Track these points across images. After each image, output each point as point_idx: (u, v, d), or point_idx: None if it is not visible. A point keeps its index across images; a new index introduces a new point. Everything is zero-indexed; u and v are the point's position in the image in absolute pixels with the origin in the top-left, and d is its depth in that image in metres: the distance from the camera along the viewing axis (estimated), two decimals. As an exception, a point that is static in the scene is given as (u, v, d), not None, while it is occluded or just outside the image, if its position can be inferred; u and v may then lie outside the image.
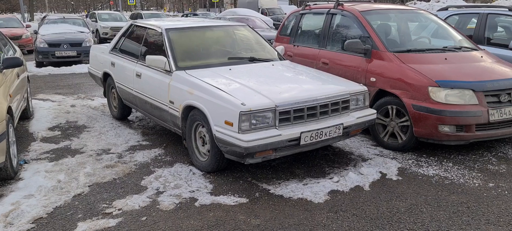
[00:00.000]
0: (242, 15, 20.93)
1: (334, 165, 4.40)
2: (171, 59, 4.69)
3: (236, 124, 3.68)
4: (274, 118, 3.80)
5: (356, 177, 4.04)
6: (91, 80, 9.73)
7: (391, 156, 4.62)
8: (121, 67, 5.69)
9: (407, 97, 4.49)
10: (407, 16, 5.78)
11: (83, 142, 5.22)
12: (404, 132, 4.70)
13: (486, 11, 6.42)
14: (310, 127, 3.94)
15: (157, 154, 4.79)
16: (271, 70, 4.72)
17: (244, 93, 3.90)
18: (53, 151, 4.91)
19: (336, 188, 3.84)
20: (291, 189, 3.82)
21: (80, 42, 11.93)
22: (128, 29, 5.92)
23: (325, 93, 4.09)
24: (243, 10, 25.50)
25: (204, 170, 4.26)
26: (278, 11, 32.14)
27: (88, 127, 5.87)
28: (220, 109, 3.84)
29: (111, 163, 4.51)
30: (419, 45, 5.18)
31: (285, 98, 3.87)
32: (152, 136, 5.47)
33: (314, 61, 5.86)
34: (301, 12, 6.67)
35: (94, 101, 7.50)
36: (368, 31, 5.16)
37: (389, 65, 4.78)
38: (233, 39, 5.47)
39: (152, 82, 4.89)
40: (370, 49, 5.04)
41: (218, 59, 4.95)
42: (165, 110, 4.70)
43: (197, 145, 4.40)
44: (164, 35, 4.96)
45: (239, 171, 4.26)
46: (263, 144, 3.68)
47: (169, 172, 4.25)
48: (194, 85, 4.22)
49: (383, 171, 4.20)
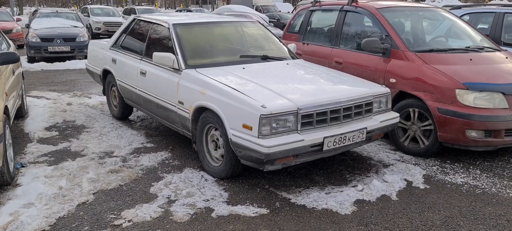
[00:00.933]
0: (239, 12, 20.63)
1: (354, 171, 4.14)
2: (179, 56, 4.39)
3: (256, 128, 3.39)
4: (296, 121, 3.51)
5: (381, 185, 3.78)
6: (86, 77, 9.37)
7: (413, 162, 4.37)
8: (123, 64, 5.36)
9: (432, 100, 4.24)
10: (425, 14, 5.53)
11: (83, 143, 4.90)
12: (426, 136, 4.45)
13: (502, 10, 6.20)
14: (333, 131, 3.66)
15: (164, 158, 4.48)
16: (287, 70, 4.43)
17: (263, 95, 3.61)
18: (51, 153, 4.58)
19: (362, 197, 3.58)
20: (314, 198, 3.54)
21: (74, 37, 11.53)
22: (130, 24, 5.59)
23: (348, 96, 3.81)
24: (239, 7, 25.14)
25: (216, 176, 3.96)
26: (273, 9, 31.84)
27: (87, 127, 5.53)
28: (237, 111, 3.55)
29: (116, 167, 4.20)
30: (441, 44, 4.93)
31: (308, 101, 3.59)
32: (157, 137, 5.16)
33: (327, 60, 5.58)
34: (310, 8, 6.39)
35: (91, 99, 7.15)
36: (387, 29, 4.90)
37: (411, 65, 4.52)
38: (244, 36, 5.17)
39: (159, 81, 4.58)
40: (389, 49, 4.77)
41: (229, 57, 4.65)
42: (173, 111, 4.39)
43: (208, 149, 4.11)
44: (172, 31, 4.65)
45: (254, 178, 3.97)
46: (285, 149, 3.40)
47: (179, 178, 3.96)
48: (206, 85, 3.93)
49: (408, 179, 3.94)
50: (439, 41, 5.06)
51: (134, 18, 5.58)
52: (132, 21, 5.59)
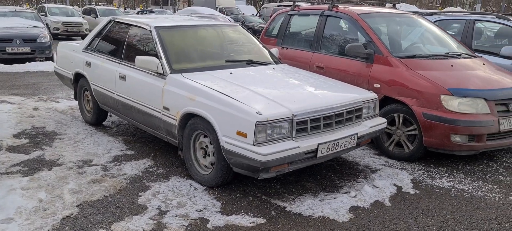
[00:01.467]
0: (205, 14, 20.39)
1: (343, 177, 4.13)
2: (164, 61, 4.23)
3: (251, 135, 3.31)
4: (291, 128, 3.46)
5: (372, 190, 3.78)
6: (50, 80, 8.97)
7: (399, 167, 4.41)
8: (99, 68, 5.13)
9: (417, 106, 4.30)
10: (402, 20, 5.63)
11: (58, 151, 4.63)
12: (410, 141, 4.51)
13: (473, 17, 6.41)
14: (326, 137, 3.63)
15: (147, 166, 4.31)
16: (275, 75, 4.37)
17: (256, 101, 3.53)
18: (24, 162, 4.30)
19: (356, 203, 3.56)
20: (309, 206, 3.49)
21: (34, 37, 10.99)
22: (106, 26, 5.36)
23: (340, 102, 3.80)
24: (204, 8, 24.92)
25: (206, 184, 3.84)
26: (236, 11, 31.80)
27: (59, 134, 5.25)
28: (230, 118, 3.45)
29: (97, 177, 3.99)
30: (422, 50, 5.02)
31: (302, 107, 3.54)
32: (136, 144, 4.97)
33: (307, 65, 5.57)
34: (289, 12, 6.37)
35: (59, 103, 6.81)
36: (370, 35, 4.94)
37: (395, 71, 4.57)
38: (227, 40, 5.07)
39: (141, 86, 4.40)
40: (373, 54, 4.81)
41: (214, 61, 4.54)
42: (157, 117, 4.23)
43: (196, 157, 3.98)
44: (154, 34, 4.48)
45: (244, 185, 3.88)
46: (281, 157, 3.33)
47: (167, 187, 3.81)
48: (196, 90, 3.80)
49: (397, 184, 3.97)
50: (419, 47, 5.15)
51: (111, 19, 5.35)
52: (108, 22, 5.37)
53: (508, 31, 6.23)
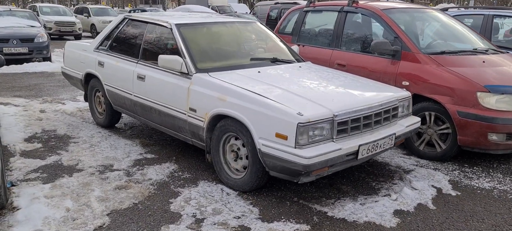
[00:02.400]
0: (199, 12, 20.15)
1: (378, 179, 3.97)
2: (188, 59, 4.04)
3: (292, 137, 3.13)
4: (331, 129, 3.29)
5: (412, 193, 3.64)
6: (51, 81, 8.70)
7: (432, 167, 4.27)
8: (113, 68, 4.91)
9: (451, 103, 4.16)
10: (423, 15, 5.49)
11: (75, 156, 4.41)
12: (442, 140, 4.37)
13: (491, 12, 6.30)
14: (366, 138, 3.48)
15: (172, 170, 4.11)
16: (303, 73, 4.20)
17: (295, 102, 3.35)
18: (42, 168, 4.08)
19: (399, 207, 3.41)
20: (351, 211, 3.33)
21: (32, 37, 10.67)
22: (120, 25, 5.13)
23: (378, 101, 3.64)
24: (197, 7, 24.69)
25: (238, 189, 3.66)
26: (228, 9, 31.54)
27: (73, 137, 5.03)
28: (267, 120, 3.27)
29: (122, 183, 3.78)
30: (449, 46, 4.88)
31: (343, 106, 3.38)
32: (155, 147, 4.76)
33: (327, 63, 5.40)
34: (304, 9, 6.20)
35: (66, 105, 6.57)
36: (396, 31, 4.79)
37: (425, 68, 4.43)
38: (248, 37, 4.88)
39: (163, 87, 4.20)
40: (400, 51, 4.67)
41: (239, 60, 4.36)
42: (181, 119, 4.04)
43: (226, 160, 3.79)
44: (176, 32, 4.28)
45: (277, 189, 3.71)
46: (324, 160, 3.17)
47: (198, 192, 3.62)
48: (227, 91, 3.61)
49: (435, 185, 3.83)
50: (445, 43, 5.01)
51: (125, 17, 5.13)
52: (121, 21, 5.14)
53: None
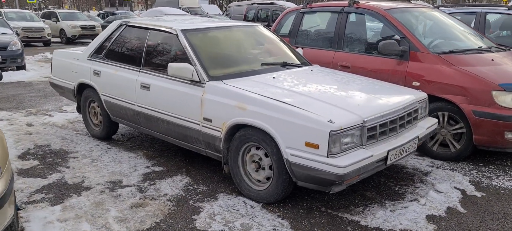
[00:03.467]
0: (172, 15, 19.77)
1: (399, 183, 3.91)
2: (199, 67, 3.85)
3: (324, 146, 3.01)
4: (361, 135, 3.19)
5: (438, 196, 3.58)
6: (30, 91, 8.29)
7: (448, 168, 4.24)
8: (112, 77, 4.66)
9: (466, 103, 4.14)
10: (424, 15, 5.48)
11: (78, 172, 4.15)
12: (456, 139, 4.36)
13: (484, 10, 6.37)
14: (394, 143, 3.39)
15: (185, 183, 3.92)
16: (317, 78, 4.08)
17: (321, 108, 3.23)
18: (46, 188, 3.80)
19: (430, 212, 3.34)
20: (384, 219, 3.24)
21: (4, 45, 10.17)
22: (116, 31, 4.88)
23: (401, 104, 3.56)
24: (170, 9, 24.26)
25: (262, 201, 3.51)
26: (199, 11, 31.24)
27: (70, 152, 4.74)
28: (296, 128, 3.14)
29: (137, 200, 3.57)
30: (455, 46, 4.87)
31: (371, 112, 3.28)
32: (160, 158, 4.54)
33: (329, 65, 5.31)
34: (301, 10, 6.09)
35: (54, 117, 6.23)
36: (402, 31, 4.74)
37: (436, 68, 4.39)
38: (253, 41, 4.73)
39: (171, 96, 4.00)
40: (408, 51, 4.62)
41: (250, 65, 4.20)
42: (194, 129, 3.85)
43: (246, 171, 3.64)
44: (183, 39, 4.09)
45: (301, 199, 3.58)
46: (358, 168, 3.06)
47: (220, 206, 3.45)
48: (247, 99, 3.45)
49: (458, 187, 3.79)
50: (450, 42, 5.00)
51: (121, 23, 4.88)
52: (118, 27, 4.89)
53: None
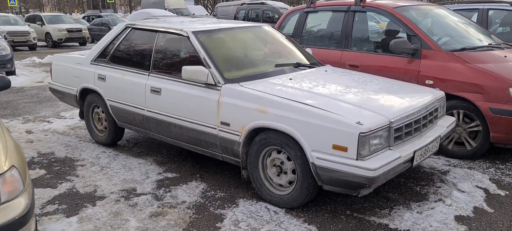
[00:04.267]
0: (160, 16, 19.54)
1: (419, 183, 3.86)
2: (214, 69, 3.75)
3: (353, 148, 2.94)
4: (388, 137, 3.12)
5: (463, 196, 3.54)
6: (23, 97, 8.07)
7: (466, 166, 4.21)
8: (119, 82, 4.52)
9: (483, 101, 4.11)
10: (430, 12, 5.45)
11: (89, 181, 4.01)
12: (471, 137, 4.33)
13: (486, 6, 6.39)
14: (419, 143, 3.34)
15: (202, 189, 3.81)
16: (334, 78, 4.00)
17: (346, 110, 3.15)
18: (58, 199, 3.66)
19: (458, 213, 3.29)
20: (412, 221, 3.18)
21: (-7, 51, 9.91)
22: (121, 34, 4.74)
23: (423, 103, 3.51)
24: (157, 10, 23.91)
25: (285, 205, 3.42)
26: (186, 12, 31.02)
27: (76, 160, 4.59)
28: (322, 131, 3.05)
29: (155, 209, 3.45)
30: (467, 43, 4.84)
31: (396, 112, 3.22)
32: (171, 164, 4.42)
33: (337, 64, 5.24)
34: (305, 10, 6.02)
35: (53, 123, 6.05)
36: (413, 29, 4.70)
37: (450, 66, 4.36)
38: (263, 41, 4.64)
39: (185, 100, 3.88)
40: (420, 49, 4.59)
41: (264, 66, 4.10)
42: (210, 134, 3.74)
43: (267, 175, 3.54)
44: (195, 41, 3.98)
45: (324, 203, 3.51)
46: (388, 170, 3.00)
47: (243, 213, 3.35)
48: (268, 102, 3.36)
49: (479, 185, 3.76)
50: (460, 39, 4.97)
51: (127, 26, 4.74)
52: (123, 30, 4.75)
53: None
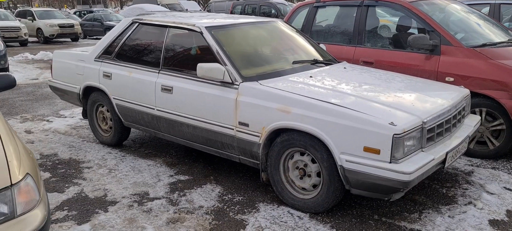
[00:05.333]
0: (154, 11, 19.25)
1: (444, 184, 3.71)
2: (230, 67, 3.56)
3: (386, 150, 2.77)
4: (421, 138, 2.96)
5: (492, 198, 3.40)
6: (18, 95, 7.80)
7: (489, 166, 4.07)
8: (126, 80, 4.31)
9: (508, 98, 3.97)
10: (446, 7, 5.29)
11: (98, 184, 3.80)
12: (494, 136, 4.19)
13: (498, 1, 6.26)
14: (450, 144, 3.19)
15: (218, 193, 3.62)
16: (355, 75, 3.83)
17: (376, 110, 2.97)
18: (67, 204, 3.45)
19: (491, 217, 3.14)
20: (445, 226, 3.02)
21: (-14, 47, 9.59)
22: (127, 30, 4.52)
23: (451, 102, 3.35)
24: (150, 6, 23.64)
25: (309, 210, 3.25)
26: (179, 7, 30.74)
27: (81, 161, 4.37)
28: (352, 132, 2.88)
29: (171, 214, 3.26)
30: (486, 39, 4.70)
31: (428, 112, 3.05)
32: (182, 166, 4.23)
33: (350, 61, 5.08)
34: (315, 4, 5.84)
35: (53, 123, 5.81)
36: (432, 24, 4.55)
37: (472, 62, 4.21)
38: (277, 37, 4.45)
39: (199, 99, 3.69)
40: (439, 45, 4.43)
41: (281, 63, 3.92)
42: (227, 135, 3.55)
43: (288, 179, 3.37)
44: (208, 37, 3.78)
45: (349, 207, 3.34)
46: (423, 173, 2.84)
47: (265, 218, 3.17)
48: (291, 101, 3.17)
49: (508, 187, 3.62)
50: (478, 35, 4.82)
51: (133, 21, 4.52)
52: (129, 25, 4.53)
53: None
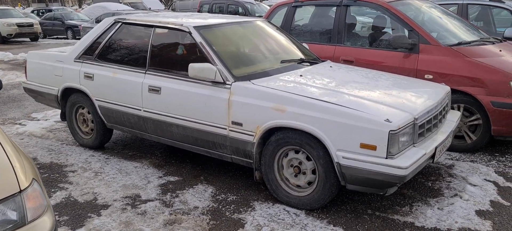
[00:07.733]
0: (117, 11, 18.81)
1: (428, 178, 3.86)
2: (222, 67, 3.56)
3: (382, 146, 2.86)
4: (413, 133, 3.07)
5: (476, 190, 3.57)
6: (-16, 97, 7.46)
7: (468, 159, 4.26)
8: (109, 80, 4.22)
9: (484, 94, 4.17)
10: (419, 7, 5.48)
11: (85, 188, 3.71)
12: (471, 131, 4.39)
13: (465, 1, 6.54)
14: (438, 139, 3.33)
15: (211, 193, 3.62)
16: (343, 74, 3.91)
17: (370, 107, 3.06)
18: (56, 209, 3.34)
19: (477, 207, 3.30)
20: (436, 218, 3.15)
21: None
22: (109, 30, 4.42)
23: (437, 99, 3.49)
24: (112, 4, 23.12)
25: (305, 207, 3.30)
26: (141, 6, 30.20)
27: (64, 165, 4.25)
28: (348, 130, 2.96)
29: (167, 216, 3.23)
30: (460, 38, 4.89)
31: (418, 109, 3.17)
32: (170, 167, 4.19)
33: (331, 59, 5.17)
34: (293, 4, 5.91)
35: (27, 126, 5.61)
36: (410, 24, 4.70)
37: (449, 60, 4.39)
38: (265, 37, 4.47)
39: (189, 99, 3.67)
40: (417, 44, 4.60)
41: (270, 63, 3.95)
42: (219, 135, 3.56)
43: (283, 177, 3.41)
44: (197, 36, 3.77)
45: (342, 202, 3.42)
46: (416, 167, 2.96)
47: (262, 216, 3.20)
48: (285, 100, 3.21)
49: (487, 179, 3.81)
50: (452, 34, 5.03)
51: (116, 21, 4.43)
52: (112, 25, 4.43)
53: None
